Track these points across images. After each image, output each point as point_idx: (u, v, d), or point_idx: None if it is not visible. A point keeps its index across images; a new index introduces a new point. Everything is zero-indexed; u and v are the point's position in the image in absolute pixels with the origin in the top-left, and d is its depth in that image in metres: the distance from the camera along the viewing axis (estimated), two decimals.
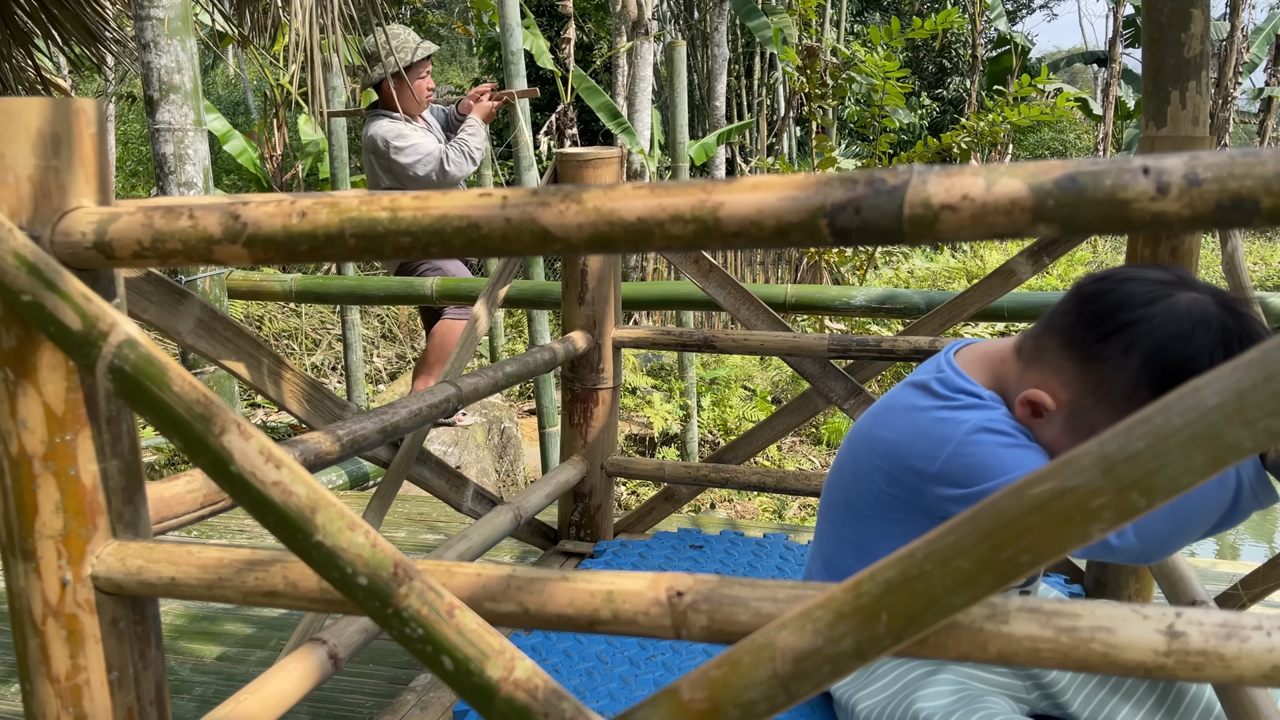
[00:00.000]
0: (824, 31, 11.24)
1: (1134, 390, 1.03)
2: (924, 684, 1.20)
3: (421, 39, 4.03)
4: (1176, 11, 1.58)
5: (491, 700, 0.70)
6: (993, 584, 0.60)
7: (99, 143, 0.82)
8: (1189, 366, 1.00)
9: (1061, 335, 1.10)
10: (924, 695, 1.19)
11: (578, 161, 2.09)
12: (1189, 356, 1.01)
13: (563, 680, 1.63)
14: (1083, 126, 17.72)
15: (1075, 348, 1.08)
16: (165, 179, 2.77)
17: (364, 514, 1.67)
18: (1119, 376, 1.04)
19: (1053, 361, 1.11)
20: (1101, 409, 1.06)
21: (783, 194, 0.63)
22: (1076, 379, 1.08)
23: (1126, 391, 1.03)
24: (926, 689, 1.20)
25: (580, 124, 10.65)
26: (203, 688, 2.10)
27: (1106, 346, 1.05)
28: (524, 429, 5.76)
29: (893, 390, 1.28)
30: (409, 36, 3.94)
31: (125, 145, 12.52)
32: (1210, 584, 2.16)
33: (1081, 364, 1.07)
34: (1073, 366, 1.08)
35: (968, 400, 1.15)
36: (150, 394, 0.75)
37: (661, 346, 2.34)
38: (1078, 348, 1.08)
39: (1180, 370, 0.99)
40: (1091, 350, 1.06)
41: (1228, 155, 0.54)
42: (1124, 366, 1.04)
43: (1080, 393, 1.08)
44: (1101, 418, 1.06)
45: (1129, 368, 1.03)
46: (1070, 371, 1.09)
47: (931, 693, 1.19)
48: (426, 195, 0.71)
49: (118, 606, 0.87)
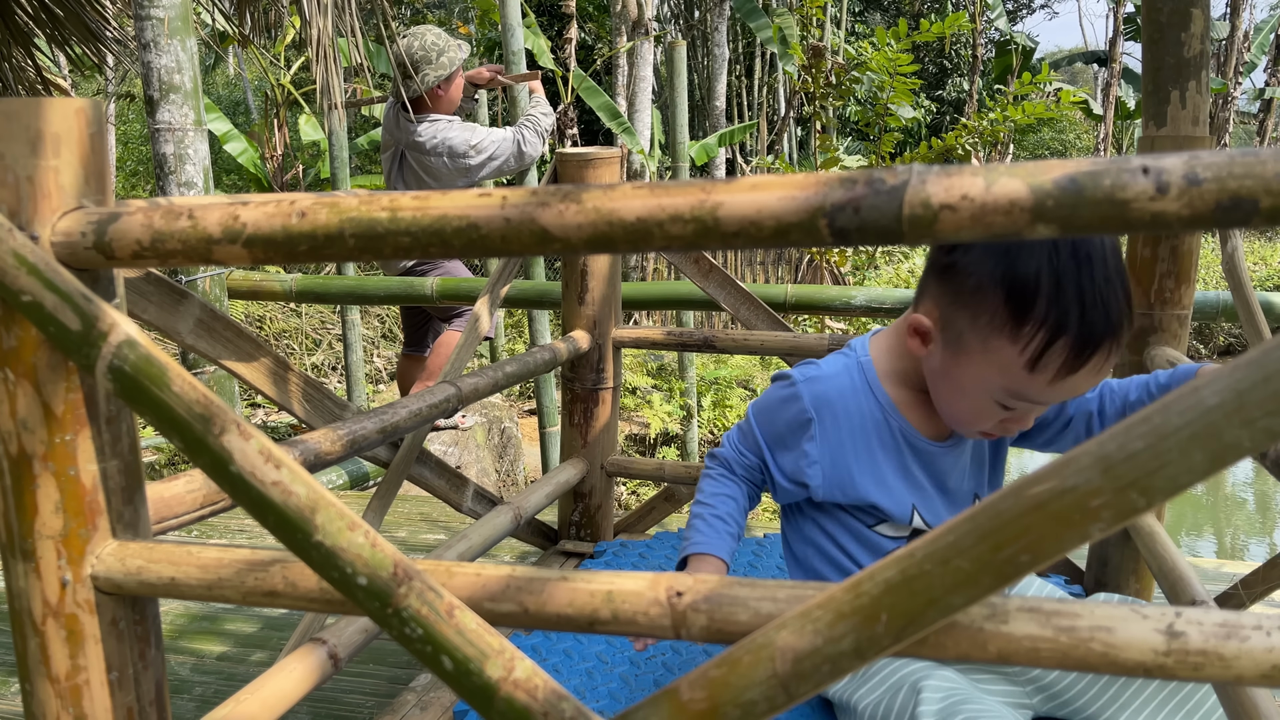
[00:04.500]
0: (825, 31, 11.23)
1: (979, 286, 1.11)
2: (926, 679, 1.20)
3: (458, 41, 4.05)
4: (1176, 11, 1.58)
5: (491, 700, 0.70)
6: (992, 584, 0.60)
7: (99, 143, 0.82)
8: (1014, 250, 1.09)
9: (928, 264, 1.22)
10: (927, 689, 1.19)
11: (578, 161, 2.09)
12: (1014, 242, 1.10)
13: (563, 680, 1.63)
14: (1083, 126, 17.72)
15: (935, 266, 1.19)
16: (165, 179, 2.77)
17: (364, 514, 1.67)
18: (967, 277, 1.13)
19: (926, 288, 1.21)
20: (963, 313, 1.14)
21: (782, 194, 0.63)
22: (940, 293, 1.17)
23: (973, 287, 1.12)
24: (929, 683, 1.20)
25: (580, 124, 10.65)
26: (203, 688, 2.10)
27: (954, 254, 1.15)
28: (524, 429, 5.76)
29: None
30: (449, 38, 3.96)
31: (125, 145, 12.52)
32: (1210, 584, 2.16)
33: (940, 277, 1.17)
34: (935, 283, 1.18)
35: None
36: (150, 394, 0.75)
37: (661, 346, 2.34)
38: (937, 265, 1.19)
39: (1007, 254, 1.09)
40: (946, 262, 1.16)
41: (1227, 155, 0.54)
42: (967, 264, 1.13)
43: (945, 304, 1.17)
44: (965, 322, 1.14)
45: (970, 264, 1.13)
46: (934, 288, 1.19)
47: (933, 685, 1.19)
48: (426, 195, 0.71)
49: (118, 606, 0.87)
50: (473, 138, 3.92)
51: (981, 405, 1.16)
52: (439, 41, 3.87)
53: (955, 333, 1.15)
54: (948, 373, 1.18)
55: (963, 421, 1.21)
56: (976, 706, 1.14)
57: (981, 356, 1.12)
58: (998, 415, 1.17)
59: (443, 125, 3.91)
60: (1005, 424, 1.19)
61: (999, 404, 1.15)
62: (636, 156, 8.42)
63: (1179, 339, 1.68)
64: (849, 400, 1.26)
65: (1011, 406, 1.14)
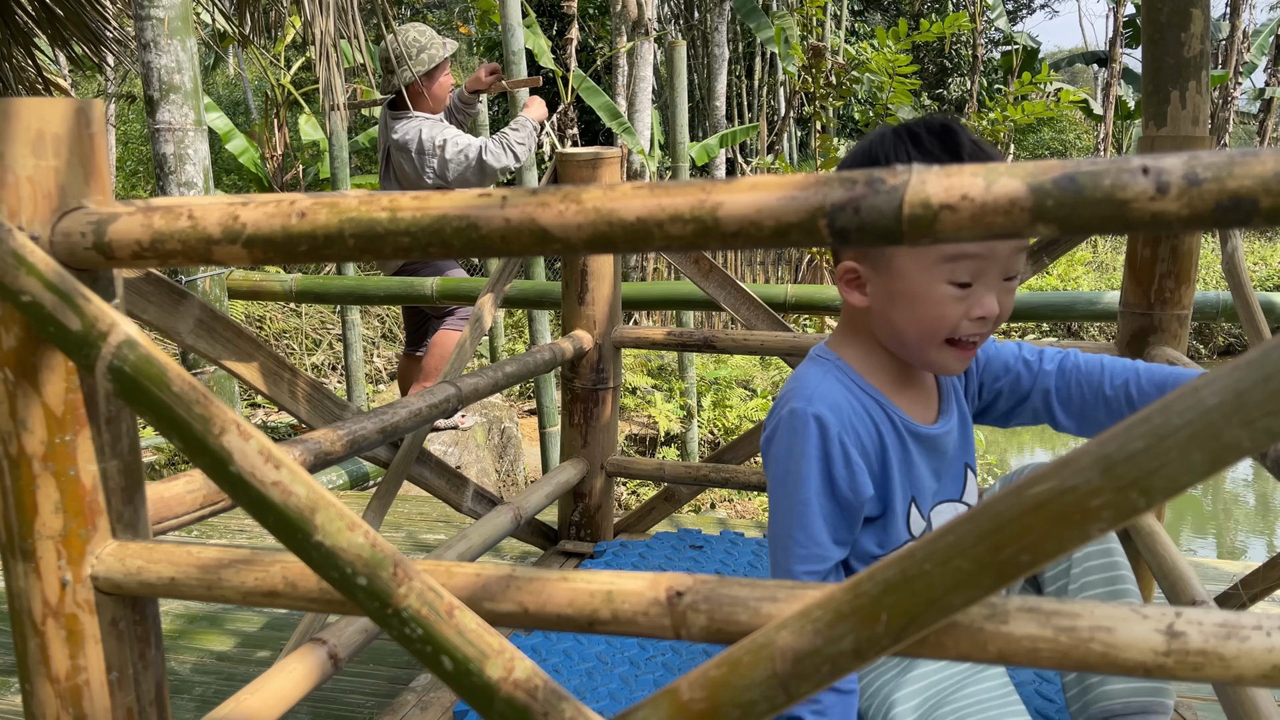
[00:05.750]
0: (825, 31, 11.24)
1: None
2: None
3: (445, 38, 4.03)
4: (1176, 11, 1.58)
5: (491, 700, 0.70)
6: (992, 584, 0.60)
7: (99, 143, 0.82)
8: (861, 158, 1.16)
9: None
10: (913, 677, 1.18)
11: (578, 161, 2.09)
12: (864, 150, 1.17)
13: (563, 680, 1.63)
14: (1083, 126, 17.73)
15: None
16: (165, 179, 2.77)
17: (364, 514, 1.67)
18: None
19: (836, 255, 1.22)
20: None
21: (782, 194, 0.63)
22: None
23: None
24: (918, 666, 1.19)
25: (580, 124, 10.65)
26: (203, 688, 2.10)
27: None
28: (524, 429, 5.76)
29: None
30: (433, 35, 3.93)
31: (125, 145, 12.52)
32: (1210, 584, 2.16)
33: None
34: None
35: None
36: (150, 394, 0.75)
37: (661, 346, 2.34)
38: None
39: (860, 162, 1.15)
40: None
41: (1227, 155, 0.54)
42: None
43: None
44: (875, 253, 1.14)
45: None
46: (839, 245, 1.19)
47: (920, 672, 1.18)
48: (426, 195, 0.71)
49: (117, 607, 0.87)
50: (439, 137, 3.82)
51: (938, 299, 1.11)
52: (420, 38, 3.84)
53: (874, 252, 1.14)
54: (892, 294, 1.14)
55: (933, 334, 1.14)
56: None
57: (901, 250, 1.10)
58: (959, 305, 1.11)
59: (417, 123, 3.86)
60: (975, 319, 1.13)
61: (953, 285, 1.10)
62: (636, 156, 8.42)
63: (1179, 339, 1.68)
64: (852, 402, 1.21)
65: (962, 281, 1.10)
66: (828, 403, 1.17)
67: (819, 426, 1.15)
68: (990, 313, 1.12)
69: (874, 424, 1.21)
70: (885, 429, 1.21)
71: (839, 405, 1.18)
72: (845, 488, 1.16)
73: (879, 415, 1.21)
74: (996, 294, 1.12)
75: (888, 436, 1.21)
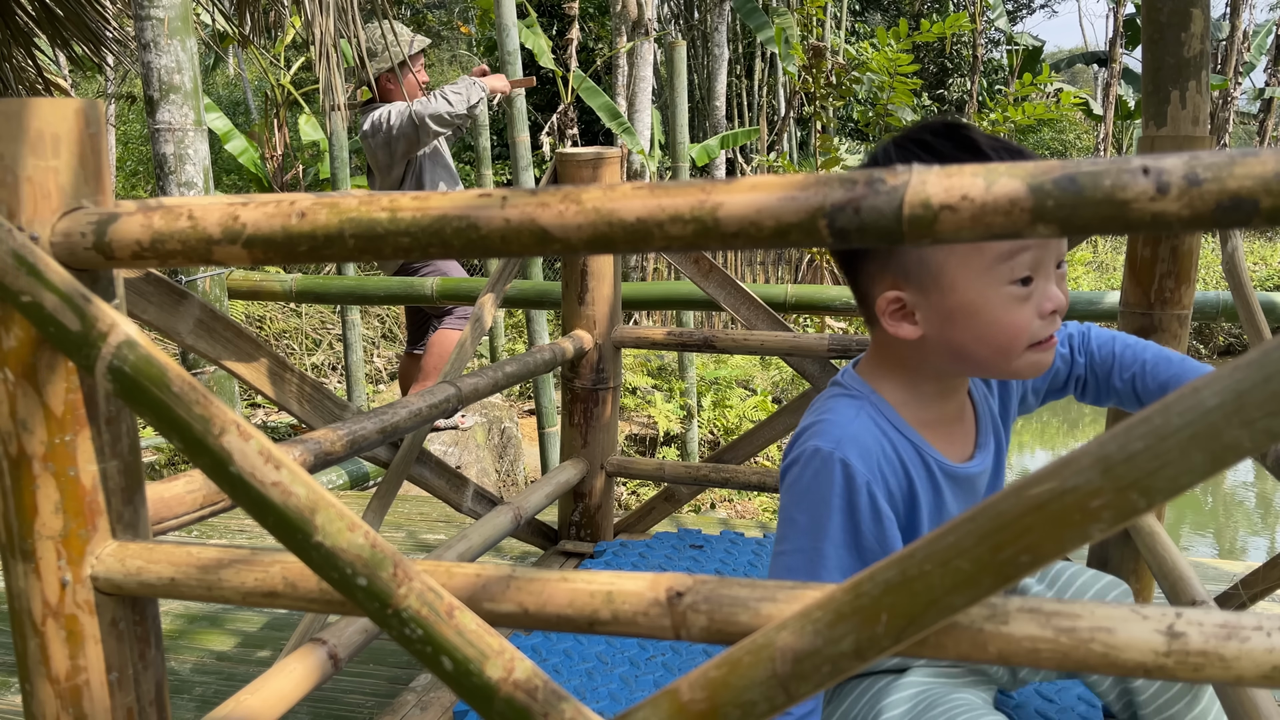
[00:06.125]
0: (825, 31, 11.24)
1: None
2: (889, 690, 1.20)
3: (414, 35, 4.10)
4: (1176, 11, 1.58)
5: (491, 701, 0.70)
6: (992, 584, 0.60)
7: (99, 143, 0.82)
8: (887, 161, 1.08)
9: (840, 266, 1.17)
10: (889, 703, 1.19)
11: (578, 161, 2.09)
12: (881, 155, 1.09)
13: (563, 681, 1.63)
14: (1083, 126, 17.72)
15: (846, 256, 1.14)
16: (165, 179, 2.77)
17: (364, 514, 1.67)
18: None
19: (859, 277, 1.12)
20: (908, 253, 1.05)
21: (782, 194, 0.62)
22: (874, 265, 1.09)
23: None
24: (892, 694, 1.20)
25: (581, 124, 10.65)
26: (203, 688, 2.10)
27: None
28: (524, 429, 5.76)
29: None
30: (404, 32, 4.00)
31: (125, 145, 12.51)
32: (1210, 584, 2.16)
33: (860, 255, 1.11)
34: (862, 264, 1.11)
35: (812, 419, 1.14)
36: (150, 394, 0.74)
37: (661, 346, 2.34)
38: (846, 254, 1.14)
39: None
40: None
41: (1227, 155, 0.54)
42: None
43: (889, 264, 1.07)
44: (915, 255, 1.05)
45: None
46: (866, 268, 1.11)
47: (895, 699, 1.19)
48: (426, 196, 0.71)
49: (117, 607, 0.87)
50: (378, 115, 3.95)
51: (1003, 303, 1.02)
52: (388, 35, 3.91)
53: (919, 272, 1.05)
54: (949, 313, 1.04)
55: (1010, 345, 1.04)
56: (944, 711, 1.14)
57: (954, 257, 1.02)
58: (1027, 305, 1.03)
59: (379, 110, 3.98)
60: (1047, 316, 1.05)
61: (1015, 284, 1.02)
62: (636, 157, 8.41)
63: (1179, 339, 1.68)
64: (883, 444, 1.11)
65: (1024, 277, 1.02)
66: (857, 447, 1.08)
67: (845, 475, 1.06)
68: (1059, 303, 1.05)
69: (904, 468, 1.12)
70: (917, 472, 1.13)
71: (868, 450, 1.08)
72: (872, 540, 1.06)
73: (912, 458, 1.13)
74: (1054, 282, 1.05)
75: (919, 481, 1.13)
